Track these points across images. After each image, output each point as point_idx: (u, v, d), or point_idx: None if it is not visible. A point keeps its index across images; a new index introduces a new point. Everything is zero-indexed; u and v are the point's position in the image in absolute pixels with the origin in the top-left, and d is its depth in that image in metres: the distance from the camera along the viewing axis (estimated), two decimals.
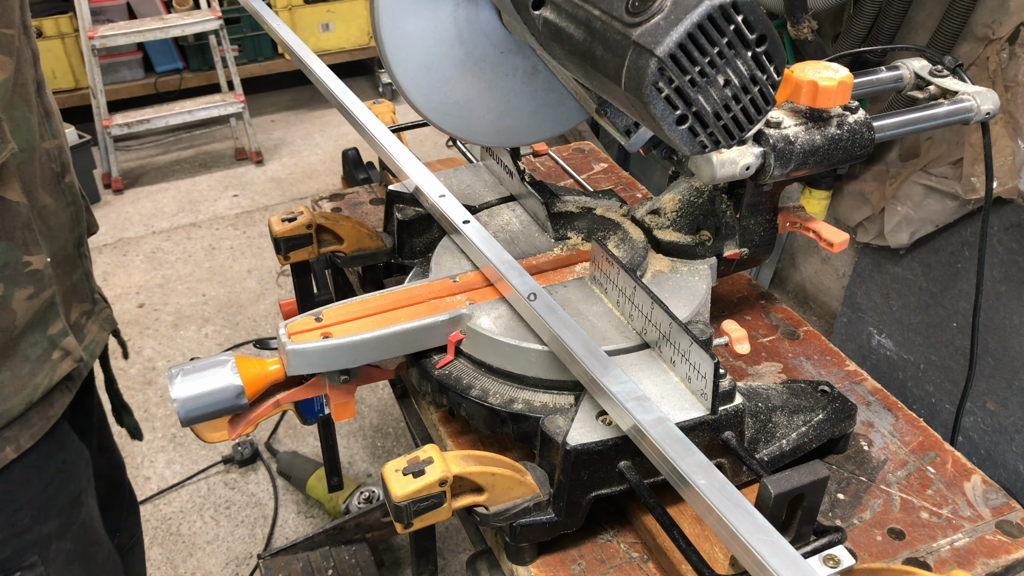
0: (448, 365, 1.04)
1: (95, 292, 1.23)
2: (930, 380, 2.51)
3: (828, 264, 3.00)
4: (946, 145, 2.27)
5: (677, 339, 0.91)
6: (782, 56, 0.74)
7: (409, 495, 0.82)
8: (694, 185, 1.17)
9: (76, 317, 1.15)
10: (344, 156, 1.57)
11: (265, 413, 1.03)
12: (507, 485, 0.88)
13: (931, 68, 1.21)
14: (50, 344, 1.06)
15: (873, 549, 0.96)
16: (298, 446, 2.75)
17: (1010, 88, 2.09)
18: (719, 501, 0.75)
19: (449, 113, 0.99)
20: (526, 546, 0.93)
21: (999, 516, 1.00)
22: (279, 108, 4.99)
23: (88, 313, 1.19)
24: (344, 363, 0.98)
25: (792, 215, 1.20)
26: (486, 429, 1.02)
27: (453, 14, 0.92)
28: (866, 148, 1.07)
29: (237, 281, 3.51)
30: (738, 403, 0.91)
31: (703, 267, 1.14)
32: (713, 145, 0.76)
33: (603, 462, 0.89)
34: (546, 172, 1.73)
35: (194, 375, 0.95)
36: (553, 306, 0.97)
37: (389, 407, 2.89)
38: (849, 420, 1.06)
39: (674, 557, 0.91)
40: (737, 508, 0.74)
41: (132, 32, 3.94)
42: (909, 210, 2.40)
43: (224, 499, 2.57)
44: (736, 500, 0.75)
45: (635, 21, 0.71)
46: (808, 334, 1.28)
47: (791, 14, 2.20)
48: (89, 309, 1.20)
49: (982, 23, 2.10)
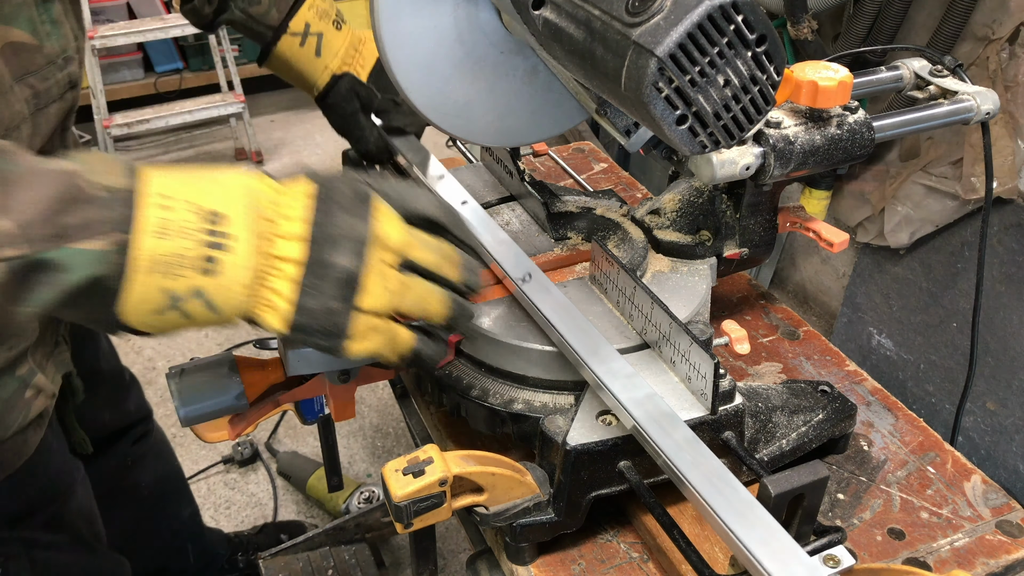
0: (448, 365, 1.04)
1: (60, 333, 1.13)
2: (930, 380, 2.51)
3: (828, 264, 3.00)
4: (946, 145, 2.27)
5: (677, 339, 0.92)
6: (782, 56, 0.74)
7: (409, 495, 0.82)
8: (694, 185, 1.17)
9: (39, 359, 1.07)
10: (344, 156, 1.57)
11: (265, 413, 1.03)
12: (507, 485, 0.88)
13: (931, 68, 1.21)
14: (21, 384, 1.01)
15: (873, 549, 0.96)
16: (298, 446, 2.75)
17: (1010, 88, 2.09)
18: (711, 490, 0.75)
19: (449, 113, 0.99)
20: (526, 546, 0.93)
21: (999, 516, 1.00)
22: (279, 108, 4.99)
23: (48, 355, 1.11)
24: (344, 363, 0.98)
25: (792, 215, 1.20)
26: (486, 429, 1.02)
27: (453, 14, 0.92)
28: (866, 148, 1.07)
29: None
30: (738, 403, 0.91)
31: (703, 267, 1.14)
32: (713, 145, 0.76)
33: (603, 462, 0.89)
34: (546, 172, 1.73)
35: (194, 375, 0.95)
36: (547, 285, 0.97)
37: (389, 407, 2.89)
38: (849, 420, 1.06)
39: (674, 557, 0.91)
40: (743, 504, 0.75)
41: (132, 32, 3.94)
42: (909, 210, 2.40)
43: (224, 499, 2.57)
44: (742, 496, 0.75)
45: (635, 21, 0.71)
46: (808, 334, 1.28)
47: (791, 14, 2.20)
48: (51, 351, 1.11)
49: (982, 23, 2.10)
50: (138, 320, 0.68)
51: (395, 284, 0.73)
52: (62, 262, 0.62)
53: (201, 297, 0.67)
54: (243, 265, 0.68)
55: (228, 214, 0.68)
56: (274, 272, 0.70)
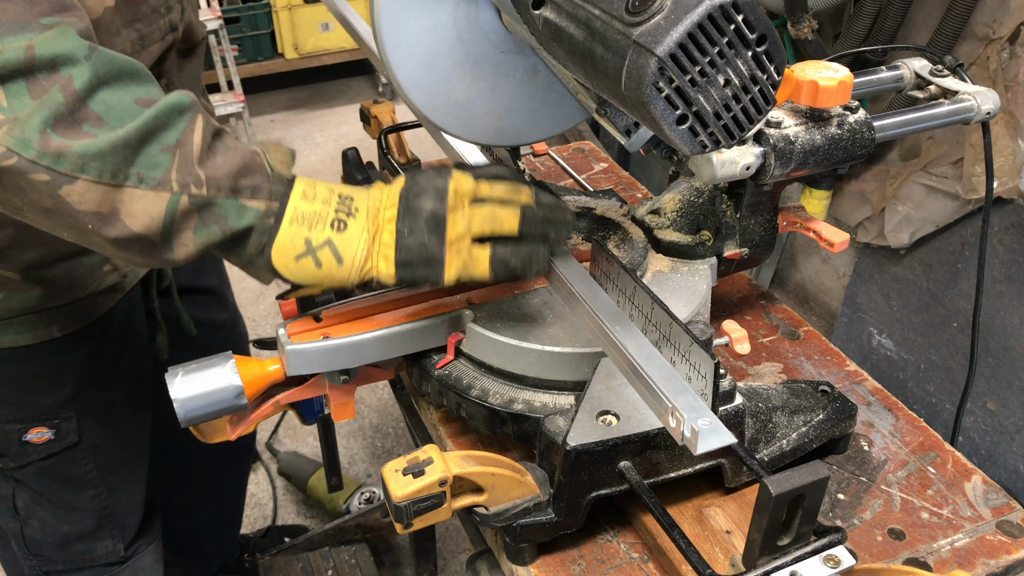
0: (448, 365, 1.04)
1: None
2: (930, 380, 2.51)
3: (828, 264, 3.00)
4: (946, 145, 2.27)
5: (677, 339, 0.91)
6: (782, 56, 0.74)
7: (409, 495, 0.82)
8: (694, 185, 1.17)
9: None
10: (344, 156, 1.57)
11: (265, 413, 1.03)
12: (507, 485, 0.88)
13: (931, 68, 1.21)
14: (102, 259, 1.23)
15: (873, 549, 0.96)
16: (298, 446, 2.75)
17: (1010, 88, 2.09)
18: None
19: (449, 113, 0.99)
20: (526, 546, 0.93)
21: (999, 516, 1.00)
22: (279, 108, 4.99)
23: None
24: (344, 363, 0.98)
25: (792, 215, 1.20)
26: (486, 429, 1.02)
27: (453, 14, 0.92)
28: (866, 148, 1.07)
29: (237, 281, 3.50)
30: (738, 403, 0.91)
31: (703, 267, 1.14)
32: (713, 145, 0.76)
33: (603, 462, 0.89)
34: (546, 172, 1.73)
35: (194, 375, 0.95)
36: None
37: (389, 407, 2.89)
38: (849, 420, 1.06)
39: (674, 557, 0.91)
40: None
41: None
42: (909, 210, 2.40)
43: None
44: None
45: (635, 21, 0.70)
46: (808, 334, 1.28)
47: (791, 14, 2.20)
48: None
49: (982, 23, 2.10)
50: (282, 263, 0.87)
51: (469, 212, 0.89)
52: (229, 209, 0.84)
53: (331, 247, 0.87)
54: (362, 226, 0.88)
55: (355, 196, 0.90)
56: (382, 230, 0.88)
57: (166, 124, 0.82)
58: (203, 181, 0.83)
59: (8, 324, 1.21)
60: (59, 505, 1.40)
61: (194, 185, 0.82)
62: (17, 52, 0.77)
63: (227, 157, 0.85)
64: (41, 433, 1.31)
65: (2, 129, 0.77)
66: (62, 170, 0.78)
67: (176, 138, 0.82)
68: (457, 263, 0.88)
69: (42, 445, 1.32)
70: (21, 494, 1.38)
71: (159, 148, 0.81)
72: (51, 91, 0.78)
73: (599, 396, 0.94)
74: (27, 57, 0.77)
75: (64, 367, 1.29)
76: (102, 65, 0.81)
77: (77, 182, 0.79)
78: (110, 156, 0.79)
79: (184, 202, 0.82)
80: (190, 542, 1.92)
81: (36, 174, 0.78)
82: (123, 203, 0.81)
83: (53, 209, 0.81)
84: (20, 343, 1.23)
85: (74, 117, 0.79)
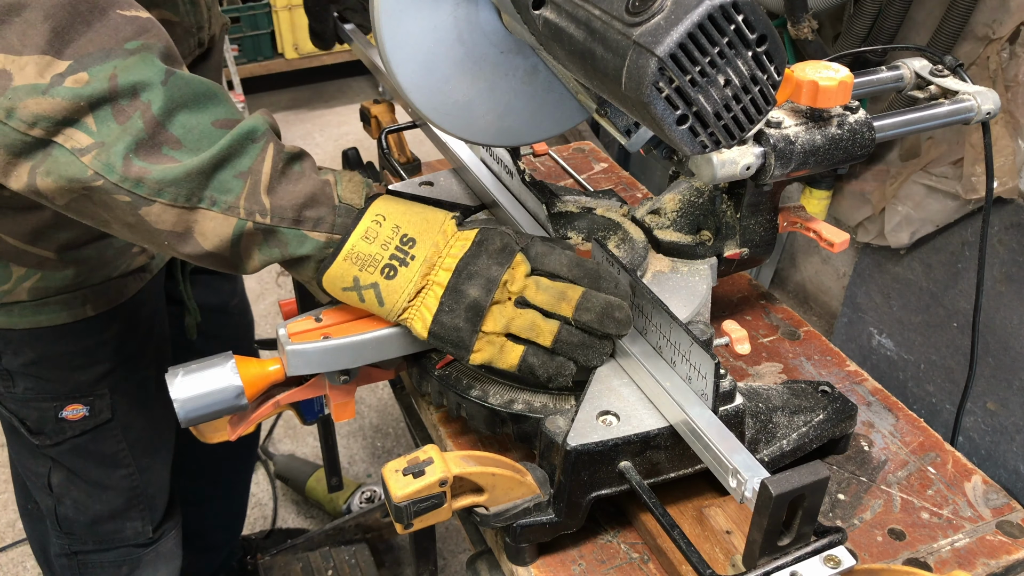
0: (448, 365, 1.04)
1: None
2: (930, 380, 2.51)
3: (828, 264, 3.00)
4: (946, 145, 2.27)
5: (677, 339, 0.91)
6: (782, 56, 0.74)
7: (409, 495, 0.82)
8: (694, 185, 1.17)
9: None
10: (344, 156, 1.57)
11: (265, 413, 1.03)
12: (507, 485, 0.88)
13: (931, 68, 1.21)
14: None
15: (873, 549, 0.96)
16: (297, 446, 2.75)
17: (1010, 88, 2.09)
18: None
19: (449, 113, 0.99)
20: (526, 546, 0.93)
21: (1000, 516, 1.00)
22: (279, 108, 4.99)
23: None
24: (344, 363, 0.98)
25: (792, 215, 1.20)
26: (486, 429, 1.02)
27: (453, 14, 0.92)
28: (867, 148, 1.07)
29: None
30: (738, 403, 0.91)
31: (703, 267, 1.14)
32: (713, 145, 0.76)
33: (603, 463, 0.89)
34: (546, 172, 1.73)
35: (194, 375, 0.95)
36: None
37: (389, 407, 2.89)
38: (849, 420, 1.06)
39: (674, 557, 0.91)
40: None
41: None
42: (909, 210, 2.40)
43: None
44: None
45: (635, 21, 0.70)
46: (808, 334, 1.28)
47: (791, 14, 2.20)
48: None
49: (982, 23, 2.10)
50: (330, 289, 0.92)
51: (510, 313, 0.91)
52: (291, 237, 0.89)
53: (376, 290, 0.91)
54: (411, 279, 0.90)
55: (418, 240, 0.91)
56: (428, 290, 0.91)
57: (240, 151, 0.86)
58: (268, 211, 0.87)
59: (45, 303, 1.28)
60: (92, 483, 1.46)
61: (259, 214, 0.87)
62: (103, 81, 0.82)
63: (296, 186, 0.89)
64: (76, 410, 1.38)
65: (91, 153, 0.82)
66: (141, 193, 0.84)
67: (248, 165, 0.87)
68: (487, 353, 0.92)
69: (77, 422, 1.39)
70: (56, 472, 1.44)
71: (232, 174, 0.86)
72: (133, 117, 0.83)
73: (599, 396, 0.94)
74: (111, 86, 0.82)
75: (98, 346, 1.36)
76: (177, 89, 0.85)
77: (154, 204, 0.84)
78: (184, 183, 0.84)
79: (250, 227, 0.87)
80: (196, 533, 1.94)
81: (119, 195, 0.84)
82: (196, 223, 0.86)
83: (135, 225, 0.87)
84: (57, 322, 1.29)
85: (154, 141, 0.84)
